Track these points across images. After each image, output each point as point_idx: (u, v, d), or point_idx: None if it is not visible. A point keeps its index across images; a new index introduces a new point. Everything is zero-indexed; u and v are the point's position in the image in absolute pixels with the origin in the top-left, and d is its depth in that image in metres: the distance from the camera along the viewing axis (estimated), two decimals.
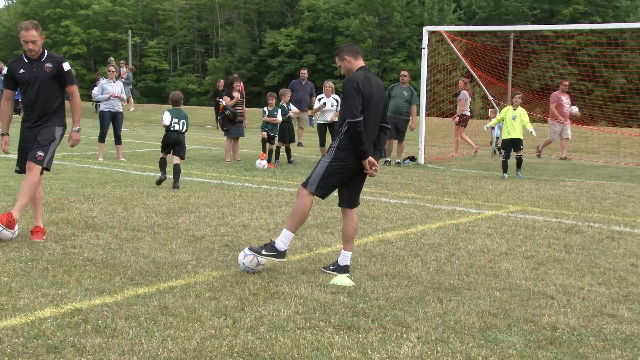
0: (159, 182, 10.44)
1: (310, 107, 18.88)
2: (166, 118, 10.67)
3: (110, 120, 14.24)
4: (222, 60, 65.41)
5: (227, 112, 14.53)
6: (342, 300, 4.91)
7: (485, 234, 7.56)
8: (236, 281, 5.28)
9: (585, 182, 13.18)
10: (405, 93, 15.38)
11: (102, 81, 14.46)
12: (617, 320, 4.70)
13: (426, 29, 16.91)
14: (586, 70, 30.94)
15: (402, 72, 15.96)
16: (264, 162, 13.76)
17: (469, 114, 18.10)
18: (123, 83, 19.03)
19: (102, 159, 13.92)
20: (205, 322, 4.33)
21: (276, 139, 14.57)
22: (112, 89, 14.18)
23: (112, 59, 30.31)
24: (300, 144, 19.71)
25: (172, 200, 9.07)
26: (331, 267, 5.67)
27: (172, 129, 10.66)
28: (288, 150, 15.12)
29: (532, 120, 16.36)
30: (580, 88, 31.96)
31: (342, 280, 5.37)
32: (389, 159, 15.64)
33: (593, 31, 27.11)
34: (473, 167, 15.85)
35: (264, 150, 14.39)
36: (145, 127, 29.41)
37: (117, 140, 14.34)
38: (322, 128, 15.33)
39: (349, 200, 5.70)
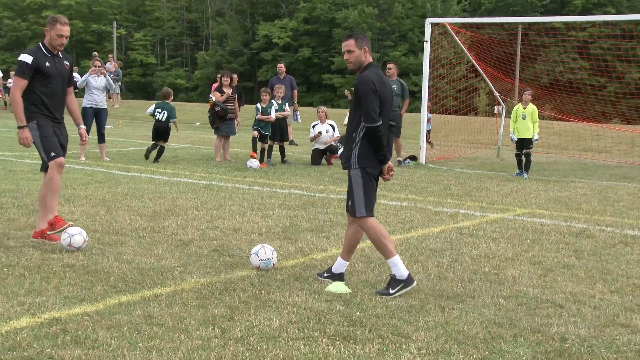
0: (147, 153, 14.08)
1: (292, 103, 18.90)
2: (150, 107, 14.51)
3: (93, 117, 14.22)
4: (212, 54, 65.33)
5: (217, 108, 14.53)
6: (338, 308, 4.90)
7: (490, 239, 7.56)
8: (225, 288, 5.27)
9: (597, 183, 13.20)
10: (395, 87, 15.32)
11: (86, 75, 14.48)
12: (631, 330, 4.69)
13: (429, 21, 16.93)
14: (598, 64, 30.91)
15: (388, 65, 15.77)
16: (256, 162, 13.75)
17: None
18: (113, 79, 19.04)
19: (84, 159, 13.90)
20: (192, 332, 4.32)
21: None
22: (96, 83, 14.20)
23: (95, 53, 30.34)
24: (293, 142, 19.70)
25: (158, 202, 9.06)
26: (325, 275, 5.66)
27: (155, 117, 14.15)
28: (282, 149, 15.11)
29: (541, 117, 16.36)
30: (592, 83, 31.97)
31: (338, 287, 5.36)
32: None
33: (606, 23, 27.05)
34: (477, 167, 15.87)
35: (254, 149, 14.38)
36: (130, 124, 29.36)
37: (101, 139, 14.32)
38: (318, 154, 15.16)
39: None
